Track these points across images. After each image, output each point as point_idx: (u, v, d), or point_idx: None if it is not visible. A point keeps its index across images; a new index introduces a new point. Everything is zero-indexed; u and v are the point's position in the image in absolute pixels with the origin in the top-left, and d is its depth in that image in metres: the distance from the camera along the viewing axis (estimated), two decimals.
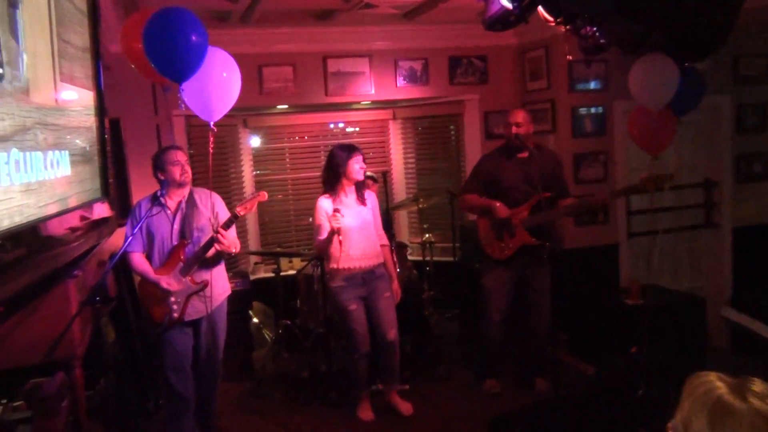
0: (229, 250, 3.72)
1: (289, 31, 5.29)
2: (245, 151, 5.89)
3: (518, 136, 4.28)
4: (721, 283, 5.86)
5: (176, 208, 3.73)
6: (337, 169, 4.06)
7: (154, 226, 3.69)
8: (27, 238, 2.26)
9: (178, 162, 3.67)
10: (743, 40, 5.35)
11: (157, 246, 3.70)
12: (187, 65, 2.95)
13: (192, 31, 2.91)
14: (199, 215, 3.74)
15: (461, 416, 4.21)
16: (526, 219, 4.26)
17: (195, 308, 3.73)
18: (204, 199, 3.81)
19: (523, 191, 4.30)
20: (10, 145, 2.11)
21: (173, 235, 3.70)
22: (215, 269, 3.82)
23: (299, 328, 4.88)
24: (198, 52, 2.96)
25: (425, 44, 5.68)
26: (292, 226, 6.01)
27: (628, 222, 5.68)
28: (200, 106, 3.28)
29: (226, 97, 3.31)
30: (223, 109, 3.32)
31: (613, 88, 5.48)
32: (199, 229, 3.72)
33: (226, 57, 3.29)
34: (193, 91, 3.19)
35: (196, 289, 3.69)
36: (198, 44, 2.94)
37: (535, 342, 4.48)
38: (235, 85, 3.33)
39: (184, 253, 3.68)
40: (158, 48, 2.90)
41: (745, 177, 5.81)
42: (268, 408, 4.45)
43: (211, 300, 3.74)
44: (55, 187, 2.59)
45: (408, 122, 6.21)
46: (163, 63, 2.93)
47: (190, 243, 3.69)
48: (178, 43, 2.88)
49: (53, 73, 2.62)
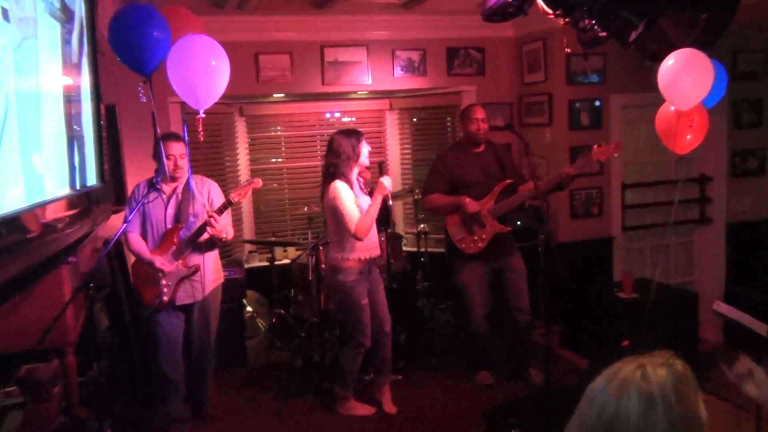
0: (221, 235, 3.73)
1: (286, 19, 5.26)
2: (241, 139, 5.87)
3: (482, 130, 4.40)
4: (714, 277, 5.88)
5: (171, 193, 3.78)
6: (351, 154, 3.88)
7: (150, 210, 3.74)
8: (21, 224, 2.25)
9: (172, 156, 3.70)
10: (741, 35, 5.34)
11: (152, 229, 3.75)
12: (148, 58, 3.07)
13: (153, 27, 3.06)
14: (194, 201, 3.78)
15: (454, 407, 4.22)
16: (493, 208, 4.33)
17: (186, 292, 3.78)
18: (200, 185, 3.86)
19: (486, 183, 4.40)
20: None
21: (167, 219, 3.75)
22: (208, 256, 3.84)
23: (293, 317, 4.89)
24: (158, 47, 3.08)
25: (423, 35, 5.66)
26: (287, 215, 6.00)
27: (623, 216, 5.70)
28: (188, 94, 3.27)
29: (215, 85, 3.29)
30: (211, 97, 3.31)
31: (610, 82, 5.48)
32: (194, 215, 3.76)
33: (214, 45, 3.27)
34: (181, 79, 3.19)
35: (187, 273, 3.74)
36: (159, 39, 3.07)
37: (520, 328, 4.50)
38: (224, 73, 3.31)
39: (177, 237, 3.73)
40: (120, 42, 3.08)
41: (740, 173, 5.83)
42: (262, 396, 4.46)
43: (202, 286, 3.76)
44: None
45: (405, 113, 6.20)
46: (125, 56, 3.09)
47: (184, 227, 3.73)
48: (138, 38, 3.03)
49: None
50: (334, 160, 3.89)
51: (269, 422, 4.12)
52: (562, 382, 4.29)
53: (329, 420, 4.11)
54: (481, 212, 4.32)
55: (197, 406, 4.06)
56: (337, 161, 3.87)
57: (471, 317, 4.49)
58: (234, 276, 4.86)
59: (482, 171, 4.42)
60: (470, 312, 4.48)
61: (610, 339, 4.55)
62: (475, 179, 4.40)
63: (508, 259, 4.45)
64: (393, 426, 4.01)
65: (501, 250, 4.41)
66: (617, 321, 4.61)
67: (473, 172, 4.41)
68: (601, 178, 5.53)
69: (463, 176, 4.41)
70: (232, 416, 4.19)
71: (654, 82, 3.64)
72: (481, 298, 4.47)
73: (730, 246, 5.86)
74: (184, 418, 3.94)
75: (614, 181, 5.62)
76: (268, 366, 4.86)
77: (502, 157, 4.49)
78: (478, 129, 4.39)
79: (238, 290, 4.92)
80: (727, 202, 5.84)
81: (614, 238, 5.66)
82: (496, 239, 4.34)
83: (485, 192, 4.38)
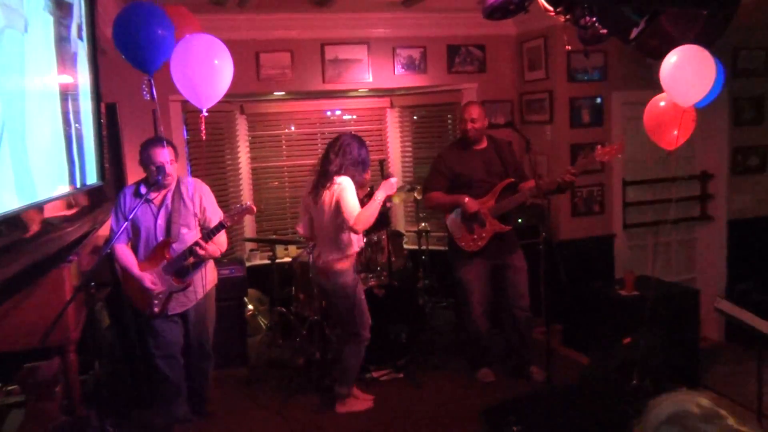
0: (213, 256, 3.70)
1: (286, 17, 5.25)
2: (242, 137, 5.87)
3: (474, 130, 4.34)
4: (715, 275, 5.88)
5: (161, 202, 3.66)
6: (358, 163, 3.91)
7: (139, 219, 3.62)
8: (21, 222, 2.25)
9: (160, 164, 3.53)
10: (742, 33, 5.33)
11: (143, 239, 3.65)
12: (152, 56, 3.04)
13: (157, 26, 3.01)
14: (185, 211, 3.65)
15: (455, 404, 4.22)
16: (494, 207, 4.32)
17: (179, 302, 3.72)
18: (191, 191, 3.69)
19: (486, 181, 4.37)
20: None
21: (158, 230, 3.64)
22: (199, 268, 3.75)
23: (294, 315, 4.89)
24: (163, 45, 3.05)
25: (424, 32, 5.65)
26: (288, 213, 6.00)
27: (624, 213, 5.70)
28: (191, 93, 3.26)
29: (218, 83, 3.28)
30: (214, 96, 3.30)
31: (611, 79, 5.47)
32: (186, 225, 3.66)
33: (217, 43, 3.26)
34: (183, 77, 3.18)
35: (178, 288, 3.66)
36: (163, 37, 3.02)
37: (520, 326, 4.50)
38: (227, 71, 3.30)
39: (169, 252, 3.62)
40: (125, 40, 3.02)
41: (741, 170, 5.82)
42: (263, 395, 4.46)
43: (195, 294, 3.73)
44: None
45: (405, 111, 6.19)
46: (129, 54, 3.05)
47: (176, 241, 3.64)
48: (142, 36, 2.98)
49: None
50: (344, 161, 3.86)
51: (270, 420, 4.11)
52: (564, 380, 4.29)
53: (331, 418, 4.10)
54: (481, 211, 4.30)
55: (198, 405, 4.05)
56: (346, 164, 3.86)
57: (471, 314, 4.49)
58: (235, 274, 4.86)
59: (483, 169, 4.40)
60: (471, 309, 4.48)
61: (611, 336, 4.55)
62: (476, 177, 4.38)
63: (509, 257, 4.44)
64: (394, 423, 4.01)
65: (503, 248, 4.40)
66: (618, 319, 4.60)
67: (474, 170, 4.39)
68: (603, 176, 5.53)
69: (463, 174, 4.39)
70: (233, 414, 4.19)
71: (655, 79, 3.63)
72: (482, 295, 4.47)
73: (731, 243, 5.85)
74: (189, 419, 3.93)
75: (615, 178, 5.62)
76: (269, 364, 4.86)
77: (504, 155, 4.46)
78: (469, 128, 4.34)
79: (239, 288, 4.92)
80: (728, 200, 5.84)
81: (615, 236, 5.66)
82: (498, 237, 4.33)
83: (486, 190, 4.36)
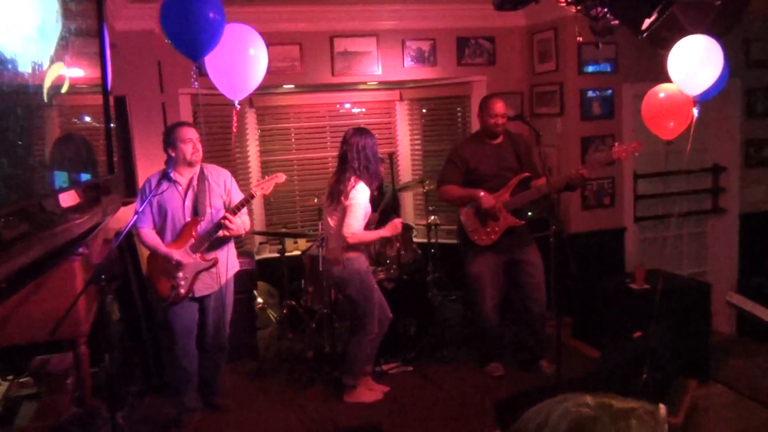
0: (239, 233, 3.76)
1: (295, 9, 5.23)
2: (251, 130, 5.87)
3: (501, 126, 4.32)
4: (727, 268, 5.84)
5: (188, 185, 3.75)
6: (377, 159, 3.96)
7: (166, 201, 3.70)
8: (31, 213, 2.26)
9: (190, 140, 3.67)
10: (755, 24, 5.27)
11: (170, 222, 3.72)
12: (204, 43, 2.94)
13: (209, 9, 2.90)
14: (212, 192, 3.75)
15: (465, 398, 4.22)
16: (509, 202, 4.29)
17: (205, 284, 3.78)
18: (215, 175, 3.83)
19: (501, 176, 4.35)
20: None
21: (185, 211, 3.72)
22: (227, 247, 3.87)
23: (304, 308, 4.89)
24: (214, 30, 2.94)
25: (433, 24, 5.62)
26: (298, 206, 6.01)
27: (635, 206, 5.66)
28: (226, 85, 3.26)
29: (253, 75, 3.28)
30: (248, 87, 3.30)
31: (622, 71, 5.43)
32: (212, 206, 3.75)
33: (254, 34, 3.27)
34: (220, 68, 3.17)
35: (205, 266, 3.74)
36: (215, 22, 2.93)
37: (534, 320, 4.48)
38: (262, 62, 3.31)
39: (196, 231, 3.71)
40: (175, 25, 2.91)
41: (753, 162, 5.76)
42: (272, 387, 4.47)
43: (220, 276, 3.77)
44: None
45: (415, 103, 6.17)
46: (179, 41, 2.94)
47: (203, 220, 3.72)
48: (194, 21, 2.87)
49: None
50: (366, 162, 3.92)
51: (280, 412, 4.13)
52: (574, 374, 4.28)
53: (340, 409, 4.12)
54: (496, 205, 4.28)
55: (209, 396, 4.08)
56: (368, 165, 3.92)
57: (481, 308, 4.47)
58: (245, 267, 4.86)
59: (498, 163, 4.37)
60: (481, 303, 4.46)
61: (621, 330, 4.53)
62: (491, 171, 4.35)
63: (523, 251, 4.41)
64: (403, 417, 4.01)
65: (516, 242, 4.37)
66: (629, 312, 4.58)
67: (489, 165, 4.36)
68: (613, 169, 5.49)
69: (478, 168, 4.36)
70: (243, 406, 4.21)
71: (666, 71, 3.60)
72: (493, 289, 4.45)
73: (743, 236, 5.81)
74: (196, 407, 3.97)
75: (626, 171, 5.57)
76: (279, 357, 4.87)
77: (519, 150, 4.42)
78: (497, 124, 4.32)
79: (249, 281, 4.93)
80: (740, 192, 5.79)
81: (626, 229, 5.63)
82: (511, 231, 4.31)
83: (501, 184, 4.32)
